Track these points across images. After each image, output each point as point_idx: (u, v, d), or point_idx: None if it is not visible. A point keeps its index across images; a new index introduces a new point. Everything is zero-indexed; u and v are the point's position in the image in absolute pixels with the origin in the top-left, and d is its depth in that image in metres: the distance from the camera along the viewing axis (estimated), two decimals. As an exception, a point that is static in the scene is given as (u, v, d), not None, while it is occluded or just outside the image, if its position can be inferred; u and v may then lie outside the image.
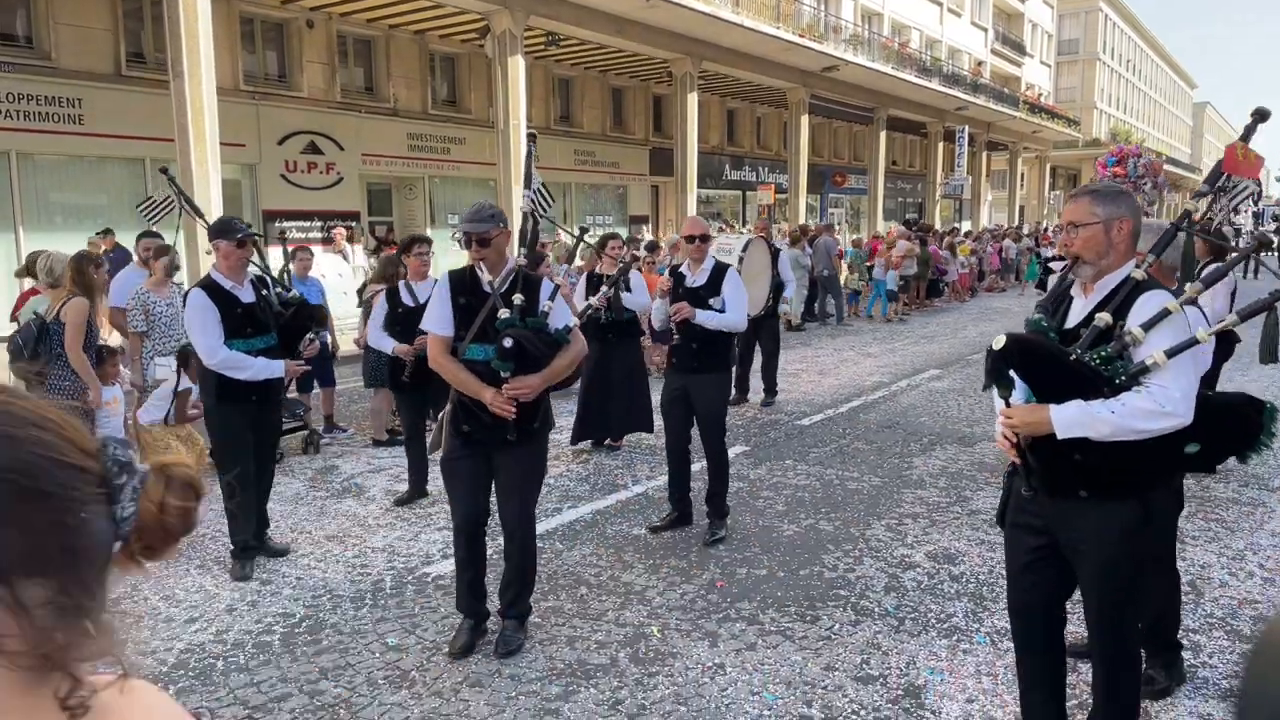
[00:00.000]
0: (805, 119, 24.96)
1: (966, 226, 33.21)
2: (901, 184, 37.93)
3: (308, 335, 5.05)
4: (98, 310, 5.56)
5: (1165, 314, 2.40)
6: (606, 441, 7.24)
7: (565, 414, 8.29)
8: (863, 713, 3.30)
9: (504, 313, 3.60)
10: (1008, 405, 2.50)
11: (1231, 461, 6.61)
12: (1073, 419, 2.39)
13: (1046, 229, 28.61)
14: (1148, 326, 2.41)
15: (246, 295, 4.64)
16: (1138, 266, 2.56)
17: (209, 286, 4.56)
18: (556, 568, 4.72)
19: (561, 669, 3.62)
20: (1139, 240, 2.63)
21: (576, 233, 7.29)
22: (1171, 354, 2.36)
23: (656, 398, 8.56)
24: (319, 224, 16.36)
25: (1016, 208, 42.07)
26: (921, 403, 9.05)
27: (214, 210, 12.13)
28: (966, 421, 8.14)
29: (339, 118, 17.19)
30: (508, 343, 3.51)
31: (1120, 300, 2.50)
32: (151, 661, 3.69)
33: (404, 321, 5.82)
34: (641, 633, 3.94)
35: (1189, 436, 2.45)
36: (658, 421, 5.95)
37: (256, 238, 4.79)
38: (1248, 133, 2.78)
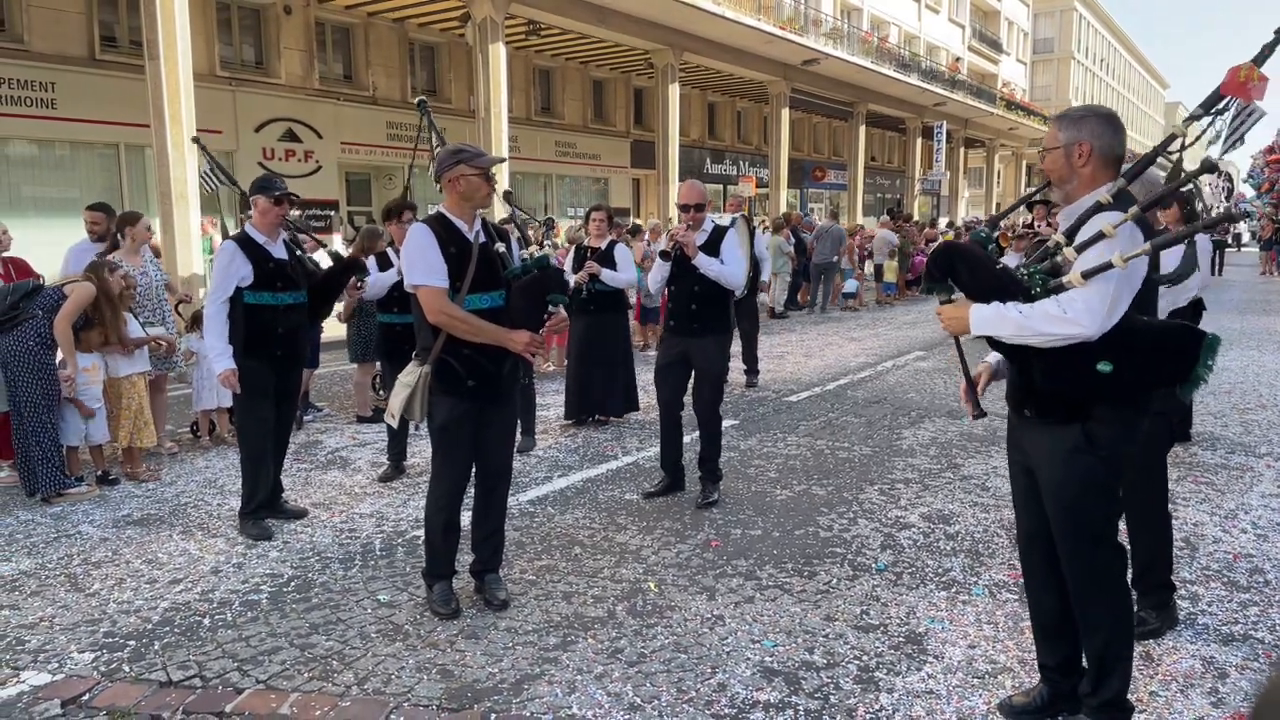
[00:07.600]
0: (786, 113, 25.00)
1: (944, 222, 33.43)
2: (880, 179, 38.14)
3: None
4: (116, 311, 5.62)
5: (1100, 236, 2.38)
6: (594, 416, 7.16)
7: (551, 392, 8.22)
8: (865, 658, 3.26)
9: (524, 254, 3.76)
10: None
11: (1218, 429, 6.76)
12: (985, 317, 2.55)
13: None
14: (1081, 248, 2.43)
15: (279, 252, 4.75)
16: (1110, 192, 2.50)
17: (242, 239, 4.67)
18: (549, 529, 4.65)
19: (558, 621, 3.56)
20: (1119, 167, 2.59)
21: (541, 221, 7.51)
22: (1087, 275, 2.36)
23: (643, 376, 8.53)
24: (298, 213, 16.18)
25: (993, 205, 42.41)
26: (908, 381, 9.05)
27: (192, 193, 11.97)
28: (953, 397, 8.14)
29: (317, 105, 17.00)
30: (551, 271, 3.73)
31: (1077, 221, 2.50)
32: (134, 619, 3.58)
33: (399, 286, 5.75)
34: (638, 588, 3.88)
35: (1101, 356, 2.42)
36: (646, 398, 5.89)
37: (294, 198, 4.86)
38: (1263, 55, 2.52)
